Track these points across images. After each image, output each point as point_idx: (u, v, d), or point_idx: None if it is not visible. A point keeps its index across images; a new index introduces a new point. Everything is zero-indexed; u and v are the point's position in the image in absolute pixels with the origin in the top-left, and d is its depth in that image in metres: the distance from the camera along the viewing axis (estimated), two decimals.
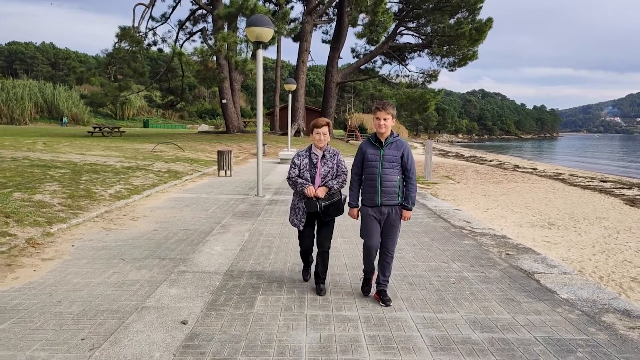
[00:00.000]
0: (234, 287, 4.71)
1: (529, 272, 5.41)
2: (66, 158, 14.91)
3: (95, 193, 9.56)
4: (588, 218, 14.06)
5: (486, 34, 38.28)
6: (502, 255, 6.17)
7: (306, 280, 4.93)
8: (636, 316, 4.20)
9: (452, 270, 5.48)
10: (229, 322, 3.87)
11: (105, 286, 4.71)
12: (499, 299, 4.56)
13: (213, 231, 7.23)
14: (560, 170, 38.92)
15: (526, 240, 10.30)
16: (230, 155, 15.86)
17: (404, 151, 4.21)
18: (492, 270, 5.51)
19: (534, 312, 4.22)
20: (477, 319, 4.04)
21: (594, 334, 3.80)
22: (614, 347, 3.56)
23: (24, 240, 6.07)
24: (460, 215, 9.26)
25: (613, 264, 8.55)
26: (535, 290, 4.82)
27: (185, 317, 3.93)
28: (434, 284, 4.94)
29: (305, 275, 4.97)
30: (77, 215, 7.73)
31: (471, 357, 3.35)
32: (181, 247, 6.34)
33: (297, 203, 4.61)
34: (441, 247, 6.54)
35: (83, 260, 5.57)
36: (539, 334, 3.77)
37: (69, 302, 4.26)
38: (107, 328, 3.72)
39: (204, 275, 5.03)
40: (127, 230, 7.22)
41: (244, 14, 26.97)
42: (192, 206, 9.58)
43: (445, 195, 17.44)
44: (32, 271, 5.11)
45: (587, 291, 4.83)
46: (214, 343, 3.48)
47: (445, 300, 4.48)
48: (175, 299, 4.35)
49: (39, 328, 3.71)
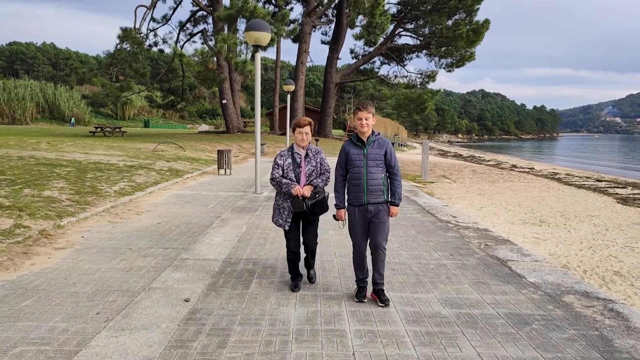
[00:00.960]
0: (232, 272, 5.18)
1: (502, 260, 5.88)
2: (71, 157, 15.38)
3: (100, 190, 10.03)
4: (579, 216, 14.47)
5: (483, 35, 38.74)
6: (481, 246, 6.64)
7: (295, 291, 4.62)
8: (594, 297, 4.67)
9: (433, 258, 5.96)
10: (226, 300, 4.34)
11: (115, 271, 5.19)
12: (471, 282, 5.03)
13: (213, 224, 7.71)
14: (557, 170, 39.33)
15: (516, 236, 10.73)
16: (230, 154, 16.33)
17: (387, 149, 4.30)
18: (469, 258, 5.98)
19: (501, 293, 4.69)
20: (448, 298, 4.51)
21: (551, 310, 4.27)
22: (567, 321, 4.03)
23: (37, 232, 6.55)
24: (447, 210, 9.73)
25: (598, 258, 8.98)
26: (505, 275, 5.29)
27: (187, 296, 4.41)
28: (414, 270, 5.41)
29: (294, 287, 4.66)
30: (85, 209, 8.20)
31: (438, 327, 3.82)
32: (183, 238, 6.81)
33: (281, 203, 4.60)
34: (425, 239, 7.02)
35: (93, 250, 6.04)
36: (502, 310, 4.24)
37: (83, 284, 4.73)
38: (119, 305, 4.20)
39: (204, 262, 5.51)
40: (132, 224, 7.70)
41: (243, 15, 27.45)
42: (193, 202, 10.05)
43: (441, 194, 17.87)
44: (47, 258, 5.59)
45: (553, 276, 5.30)
46: (213, 316, 3.95)
47: (423, 283, 4.95)
48: (179, 281, 4.82)
49: (57, 304, 4.19)
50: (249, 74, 30.93)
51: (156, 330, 3.65)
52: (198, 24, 41.96)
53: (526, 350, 3.46)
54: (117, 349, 3.33)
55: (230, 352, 3.32)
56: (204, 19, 41.63)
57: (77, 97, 69.53)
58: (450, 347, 3.48)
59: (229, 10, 27.56)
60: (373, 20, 31.93)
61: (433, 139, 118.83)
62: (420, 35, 43.23)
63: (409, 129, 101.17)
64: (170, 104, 42.87)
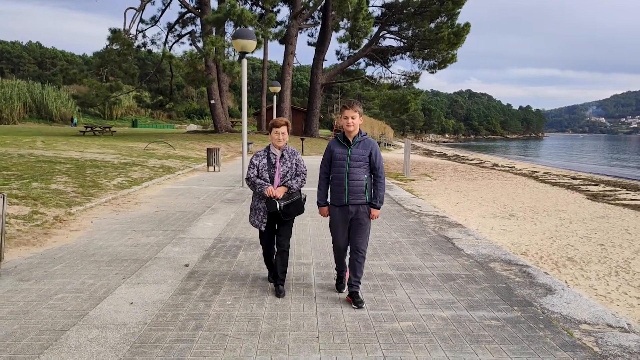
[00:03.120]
0: (222, 247, 6.26)
1: (449, 238, 7.04)
2: (67, 155, 16.28)
3: (101, 184, 11.01)
4: (547, 210, 15.67)
5: (464, 38, 40.16)
6: (435, 229, 7.79)
7: (271, 282, 4.79)
8: (514, 264, 5.82)
9: (391, 237, 7.09)
10: (218, 265, 5.43)
11: (125, 246, 6.23)
12: (418, 253, 6.17)
13: (204, 212, 8.77)
14: (537, 168, 40.87)
15: (485, 228, 11.87)
16: (219, 152, 17.35)
17: (372, 150, 4.21)
18: (422, 237, 7.13)
19: (439, 261, 5.84)
20: (396, 264, 5.64)
21: (475, 272, 5.42)
22: (484, 279, 5.17)
23: (52, 218, 7.55)
24: (414, 202, 10.89)
25: (556, 247, 10.08)
26: (448, 249, 6.44)
27: (186, 262, 5.48)
28: (373, 245, 6.53)
29: (272, 278, 4.78)
30: (90, 200, 9.20)
31: (383, 282, 4.95)
32: (179, 223, 7.86)
33: (257, 204, 4.59)
34: (389, 223, 8.15)
35: (102, 231, 7.07)
36: (436, 271, 5.38)
37: (100, 255, 5.78)
38: (132, 269, 5.25)
39: (199, 240, 6.58)
40: (133, 212, 8.72)
41: (231, 19, 28.44)
42: (185, 195, 11.08)
43: (420, 191, 19.03)
44: (65, 238, 6.61)
45: (487, 250, 6.46)
46: (208, 275, 5.04)
47: (378, 254, 6.08)
48: (178, 253, 5.89)
49: (82, 268, 5.23)
50: (237, 76, 31.90)
51: (164, 284, 4.72)
52: (186, 25, 42.80)
53: (445, 294, 4.60)
54: (136, 294, 4.40)
55: (222, 297, 4.41)
56: (192, 21, 42.47)
57: (64, 96, 69.75)
58: (389, 293, 4.61)
59: (217, 14, 28.53)
60: (356, 24, 33.11)
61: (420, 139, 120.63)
62: (404, 37, 44.56)
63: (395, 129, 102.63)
64: (159, 104, 43.70)
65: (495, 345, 3.54)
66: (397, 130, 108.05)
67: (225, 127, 41.06)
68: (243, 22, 26.68)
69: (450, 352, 3.41)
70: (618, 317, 4.18)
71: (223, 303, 4.26)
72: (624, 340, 3.70)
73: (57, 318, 3.87)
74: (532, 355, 3.39)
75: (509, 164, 44.41)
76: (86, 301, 4.24)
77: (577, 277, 7.80)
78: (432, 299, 4.47)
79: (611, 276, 7.78)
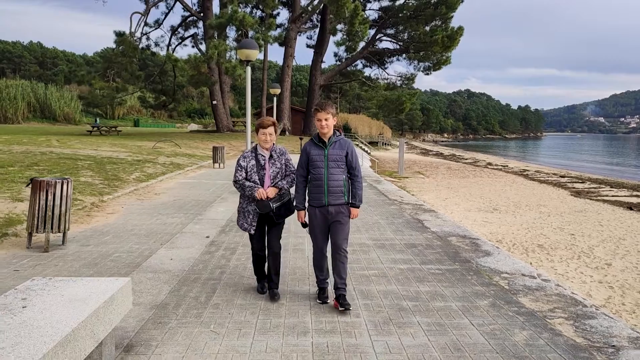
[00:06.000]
0: (233, 225, 7.71)
1: (420, 220, 8.51)
2: (85, 153, 17.74)
3: (122, 177, 12.48)
4: (530, 205, 17.02)
5: (458, 41, 41.62)
6: (411, 214, 9.26)
7: (263, 293, 4.61)
8: (469, 238, 7.28)
9: (373, 219, 8.56)
10: (232, 237, 6.90)
11: (155, 225, 7.70)
12: (392, 230, 7.64)
13: (215, 201, 10.23)
14: (529, 167, 42.32)
15: (468, 220, 13.27)
16: (224, 150, 18.83)
17: (348, 150, 4.28)
18: (398, 219, 8.60)
19: (408, 235, 7.31)
20: (373, 237, 7.12)
21: (434, 242, 6.89)
22: (440, 247, 6.63)
23: (89, 204, 9.01)
24: (399, 193, 12.36)
25: (530, 236, 11.28)
26: (418, 228, 7.91)
27: (207, 235, 6.95)
28: (357, 224, 7.98)
29: (261, 288, 4.66)
30: (116, 190, 10.67)
31: (360, 248, 6.43)
32: (195, 208, 9.32)
33: (245, 207, 4.48)
34: (372, 210, 9.63)
35: (134, 214, 8.54)
36: (402, 242, 6.86)
37: (138, 230, 7.25)
38: (165, 239, 6.72)
39: (214, 220, 8.05)
40: (155, 201, 10.19)
41: (233, 24, 29.95)
42: (197, 187, 12.55)
43: (413, 187, 20.48)
44: (104, 219, 8.07)
45: (450, 229, 7.92)
46: (225, 243, 6.52)
47: (360, 230, 7.54)
48: (199, 229, 7.36)
49: (127, 239, 6.70)
50: (239, 78, 33.40)
51: (192, 248, 6.19)
52: (189, 28, 44.35)
53: (406, 255, 6.08)
54: (173, 254, 5.88)
55: (238, 256, 5.89)
56: (195, 24, 44.01)
57: (67, 96, 71.14)
58: (364, 255, 6.09)
59: (220, 19, 30.02)
60: (353, 29, 34.60)
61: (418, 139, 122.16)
62: (400, 40, 46.09)
63: (394, 129, 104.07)
64: (162, 104, 45.19)
65: (434, 282, 5.01)
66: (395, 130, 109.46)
67: (227, 126, 42.56)
68: (245, 26, 28.18)
69: (400, 286, 4.88)
70: (531, 270, 5.65)
71: (239, 259, 5.74)
72: (529, 282, 5.16)
73: (120, 267, 5.34)
74: (457, 288, 4.86)
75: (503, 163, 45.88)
76: (138, 257, 5.72)
77: (541, 260, 9.18)
78: (395, 258, 5.95)
79: (573, 260, 9.18)
